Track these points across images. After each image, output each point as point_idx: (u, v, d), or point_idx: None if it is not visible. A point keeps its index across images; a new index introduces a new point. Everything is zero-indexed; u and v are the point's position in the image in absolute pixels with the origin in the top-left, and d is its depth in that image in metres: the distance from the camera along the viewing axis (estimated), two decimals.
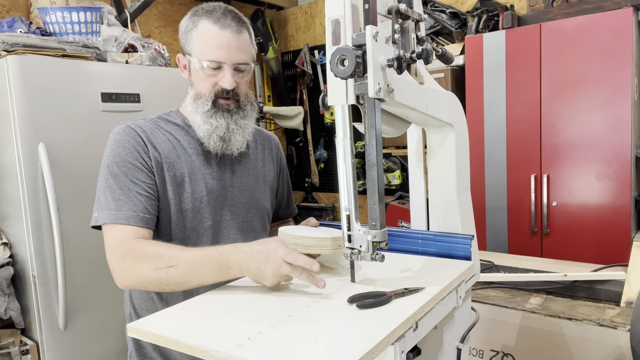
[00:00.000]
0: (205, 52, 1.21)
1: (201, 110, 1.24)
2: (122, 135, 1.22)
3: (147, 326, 0.89)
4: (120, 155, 1.19)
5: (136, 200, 1.16)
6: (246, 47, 1.25)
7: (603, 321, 1.48)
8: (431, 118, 1.13)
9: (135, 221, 1.15)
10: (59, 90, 2.08)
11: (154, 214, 1.19)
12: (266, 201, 1.41)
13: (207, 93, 1.23)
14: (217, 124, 1.24)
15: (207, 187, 1.27)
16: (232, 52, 1.21)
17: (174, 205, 1.23)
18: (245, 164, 1.36)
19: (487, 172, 2.81)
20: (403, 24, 1.04)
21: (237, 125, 1.26)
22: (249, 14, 4.16)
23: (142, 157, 1.20)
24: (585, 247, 2.53)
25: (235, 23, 1.22)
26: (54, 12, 2.24)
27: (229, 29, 1.21)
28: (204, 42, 1.21)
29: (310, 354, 0.75)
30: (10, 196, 2.13)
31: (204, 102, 1.24)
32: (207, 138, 1.25)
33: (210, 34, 1.21)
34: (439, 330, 1.10)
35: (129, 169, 1.18)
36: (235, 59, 1.22)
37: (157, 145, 1.24)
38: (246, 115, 1.29)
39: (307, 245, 1.11)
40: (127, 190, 1.17)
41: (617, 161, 2.43)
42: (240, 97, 1.27)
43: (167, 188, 1.23)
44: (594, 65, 2.44)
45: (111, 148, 1.21)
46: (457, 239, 1.17)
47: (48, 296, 2.05)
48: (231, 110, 1.25)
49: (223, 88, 1.23)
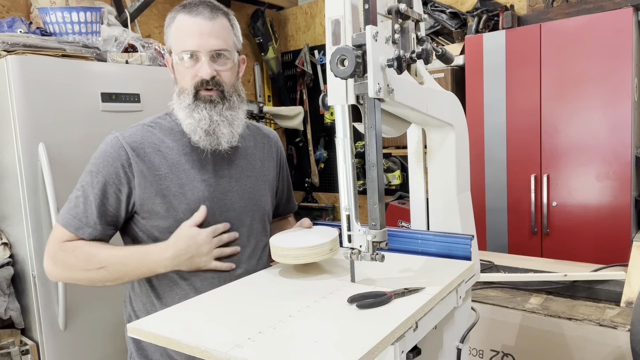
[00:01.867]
0: (180, 44, 1.20)
1: (184, 104, 1.21)
2: (108, 146, 1.21)
3: (147, 326, 0.89)
4: (97, 167, 1.20)
5: (90, 213, 1.20)
6: (222, 34, 1.21)
7: (603, 321, 1.48)
8: (431, 118, 1.13)
9: (82, 233, 1.20)
10: (59, 90, 2.08)
11: (101, 230, 1.21)
12: (266, 202, 1.38)
13: (188, 87, 1.21)
14: (200, 117, 1.20)
15: (203, 196, 1.23)
16: (204, 39, 1.19)
17: (171, 216, 1.21)
18: (243, 166, 1.33)
19: (487, 172, 2.81)
20: (403, 24, 1.04)
21: (222, 117, 1.22)
22: (249, 13, 4.16)
23: (118, 173, 1.19)
24: (585, 247, 2.53)
25: (208, 11, 1.20)
26: (54, 12, 2.24)
27: (200, 16, 1.19)
28: (178, 34, 1.21)
29: (310, 354, 0.75)
30: (10, 196, 2.13)
31: (186, 95, 1.21)
32: (192, 133, 1.22)
33: (183, 25, 1.20)
34: (439, 330, 1.10)
35: (99, 182, 1.19)
36: (210, 46, 1.19)
37: (146, 158, 1.21)
38: (233, 106, 1.24)
39: (296, 256, 1.11)
40: (88, 203, 1.20)
41: (617, 161, 2.43)
42: (224, 87, 1.22)
43: (155, 200, 1.21)
44: (594, 65, 2.44)
45: (95, 157, 1.22)
46: (457, 239, 1.17)
47: (48, 296, 2.05)
48: (214, 101, 1.21)
49: (202, 78, 1.20)
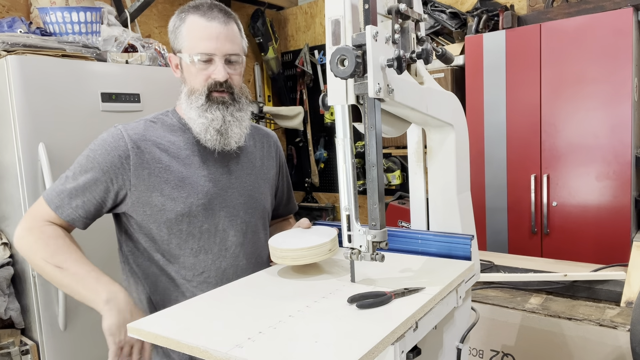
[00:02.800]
0: (195, 45, 1.22)
1: (195, 104, 1.23)
2: (109, 136, 1.23)
3: (147, 326, 0.89)
4: (94, 152, 1.22)
5: (75, 196, 1.21)
6: (235, 39, 1.25)
7: (603, 321, 1.48)
8: (431, 118, 1.13)
9: (63, 214, 1.20)
10: (59, 90, 2.08)
11: (82, 216, 1.22)
12: (266, 200, 1.40)
13: (200, 87, 1.23)
14: (213, 117, 1.23)
15: (203, 190, 1.25)
16: (221, 43, 1.21)
17: (169, 209, 1.22)
18: (243, 164, 1.35)
19: (487, 172, 2.81)
20: (403, 24, 1.04)
21: (234, 118, 1.25)
22: (249, 13, 4.16)
23: (114, 164, 1.20)
24: (585, 247, 2.53)
25: (223, 15, 1.23)
26: (54, 12, 2.24)
27: (217, 20, 1.22)
28: (193, 36, 1.22)
29: (310, 354, 0.75)
30: (10, 196, 2.13)
31: (198, 96, 1.23)
32: (203, 132, 1.24)
33: (198, 27, 1.22)
34: (439, 330, 1.10)
35: (92, 170, 1.21)
36: (226, 50, 1.22)
37: (147, 150, 1.23)
38: (242, 108, 1.28)
39: (295, 257, 1.11)
40: (78, 186, 1.21)
41: (617, 161, 2.43)
42: (234, 90, 1.26)
43: (154, 194, 1.22)
44: (594, 65, 2.44)
45: (94, 144, 1.24)
46: (457, 239, 1.17)
47: (48, 296, 2.05)
48: (226, 102, 1.25)
49: (216, 80, 1.22)
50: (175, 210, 1.23)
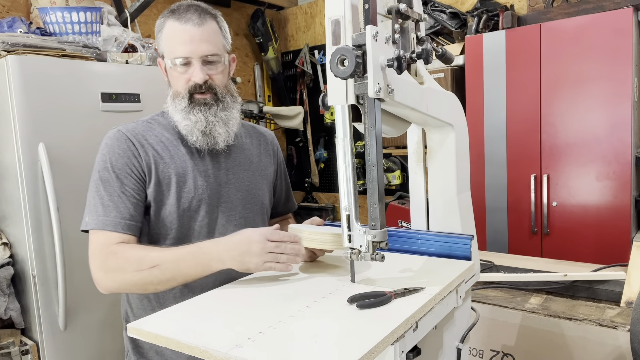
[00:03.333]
0: (173, 50, 1.23)
1: (179, 107, 1.25)
2: (114, 140, 1.24)
3: (147, 326, 0.89)
4: (110, 161, 1.21)
5: (123, 207, 1.19)
6: (212, 38, 1.25)
7: (603, 321, 1.48)
8: (431, 118, 1.13)
9: (122, 228, 1.17)
10: (59, 90, 2.08)
11: (139, 220, 1.21)
12: (264, 197, 1.41)
13: (182, 90, 1.25)
14: (196, 119, 1.25)
15: (201, 186, 1.27)
16: (196, 45, 1.22)
17: (169, 205, 1.24)
18: (240, 161, 1.37)
19: (487, 172, 2.81)
20: (403, 24, 1.04)
21: (217, 118, 1.27)
22: (249, 13, 4.16)
23: (132, 162, 1.22)
24: (585, 247, 2.53)
25: (197, 16, 1.23)
26: (54, 12, 2.24)
27: (190, 22, 1.22)
28: (170, 41, 1.24)
29: (310, 353, 0.75)
30: (10, 196, 2.13)
31: (181, 99, 1.25)
32: (189, 134, 1.26)
33: (174, 32, 1.23)
34: (439, 330, 1.10)
35: (118, 175, 1.20)
36: (201, 52, 1.22)
37: (148, 147, 1.25)
38: (227, 107, 1.29)
39: (322, 240, 1.12)
40: (116, 196, 1.19)
41: (617, 161, 2.43)
42: (217, 90, 1.27)
43: (160, 189, 1.24)
44: (594, 65, 2.44)
45: (102, 153, 1.23)
46: (457, 239, 1.17)
47: (48, 296, 2.05)
48: (208, 104, 1.26)
49: (195, 83, 1.24)
50: (175, 207, 1.24)
